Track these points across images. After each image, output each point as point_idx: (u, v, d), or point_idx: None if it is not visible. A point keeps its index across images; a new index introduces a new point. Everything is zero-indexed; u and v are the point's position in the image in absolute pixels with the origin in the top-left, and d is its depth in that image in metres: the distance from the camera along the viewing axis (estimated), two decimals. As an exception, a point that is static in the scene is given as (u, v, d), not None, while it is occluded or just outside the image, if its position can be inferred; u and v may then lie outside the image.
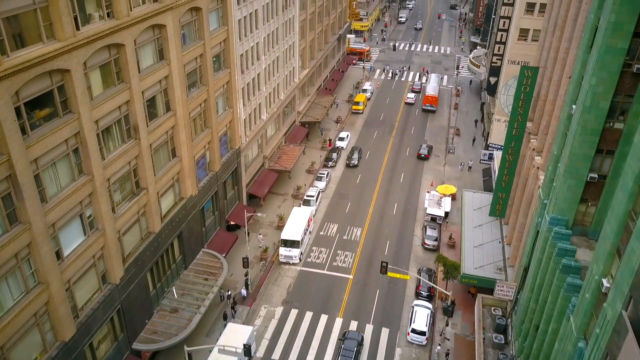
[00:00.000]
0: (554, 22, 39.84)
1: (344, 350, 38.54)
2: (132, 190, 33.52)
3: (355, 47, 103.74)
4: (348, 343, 39.01)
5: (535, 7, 58.06)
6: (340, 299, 44.67)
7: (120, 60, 30.05)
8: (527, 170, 40.67)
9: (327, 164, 65.47)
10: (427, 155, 68.11)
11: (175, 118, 36.97)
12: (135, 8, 30.45)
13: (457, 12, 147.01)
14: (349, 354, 38.13)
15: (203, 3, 38.15)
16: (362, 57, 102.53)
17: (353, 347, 38.59)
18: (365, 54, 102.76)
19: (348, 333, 40.10)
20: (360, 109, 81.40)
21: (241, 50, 47.10)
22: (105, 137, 30.00)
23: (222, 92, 44.84)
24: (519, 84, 40.35)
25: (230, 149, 48.34)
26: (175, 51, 35.43)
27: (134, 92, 31.26)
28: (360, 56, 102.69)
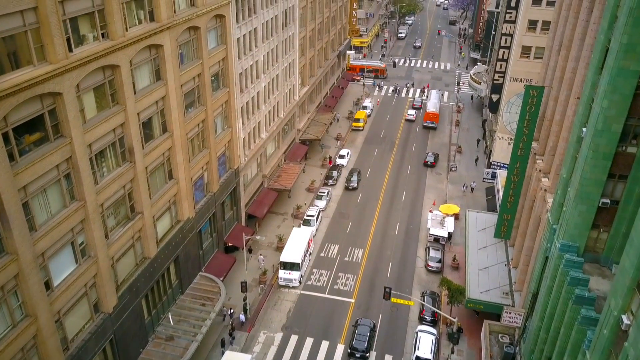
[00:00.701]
0: (559, 41, 39.08)
1: (357, 334, 40.86)
2: (126, 214, 32.38)
3: (371, 64, 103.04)
4: (361, 329, 41.44)
5: (538, 25, 57.51)
6: (342, 325, 43.29)
7: (115, 82, 29.12)
8: (533, 191, 39.60)
9: (328, 182, 64.42)
10: (434, 163, 69.50)
11: (172, 139, 35.98)
12: (131, 28, 29.61)
13: (457, 28, 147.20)
14: (362, 340, 40.39)
15: (201, 22, 37.39)
16: (378, 75, 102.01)
17: (366, 332, 41.02)
18: (381, 72, 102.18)
19: (360, 320, 42.52)
20: (360, 126, 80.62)
21: (240, 69, 46.31)
22: (98, 161, 28.95)
23: (220, 112, 43.94)
24: (524, 103, 39.52)
25: (229, 169, 47.31)
26: (173, 71, 34.56)
27: (129, 114, 30.29)
28: (377, 74, 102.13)
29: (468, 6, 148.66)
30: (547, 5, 56.45)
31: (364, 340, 40.30)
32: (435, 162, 69.79)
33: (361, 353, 39.87)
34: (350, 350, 40.09)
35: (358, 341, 40.27)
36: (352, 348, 40.08)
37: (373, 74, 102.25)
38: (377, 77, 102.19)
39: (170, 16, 32.98)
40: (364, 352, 39.84)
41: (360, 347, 39.99)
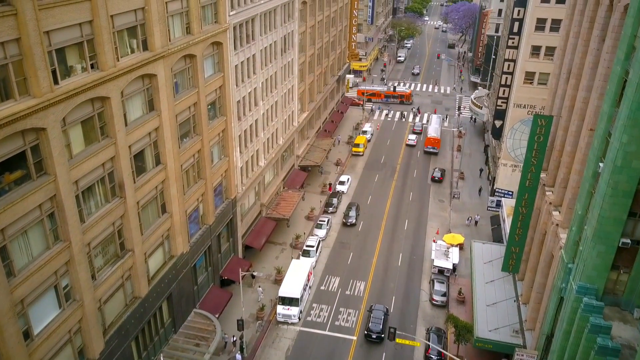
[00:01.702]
0: (568, 68, 37.84)
1: (373, 318, 43.93)
2: (115, 253, 30.55)
3: (397, 90, 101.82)
4: (376, 312, 44.61)
5: (541, 51, 56.60)
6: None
7: (105, 114, 27.61)
8: (543, 225, 37.90)
9: (328, 209, 62.66)
10: (441, 178, 70.85)
11: (165, 172, 34.35)
12: (123, 58, 28.23)
13: (456, 51, 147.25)
14: (377, 322, 43.46)
15: (197, 50, 36.12)
16: (404, 101, 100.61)
17: (381, 316, 44.18)
18: (407, 97, 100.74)
19: (374, 305, 45.75)
20: (360, 151, 79.23)
21: (238, 97, 44.98)
22: (86, 198, 27.25)
23: (217, 141, 42.44)
24: (532, 133, 38.07)
25: (226, 199, 45.59)
26: (167, 101, 33.12)
27: (119, 147, 28.71)
28: (402, 99, 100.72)
29: (467, 30, 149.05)
30: (551, 31, 55.63)
31: (379, 323, 43.44)
32: (442, 177, 71.12)
33: (377, 334, 42.86)
34: (367, 333, 43.02)
35: (374, 324, 43.37)
36: (368, 330, 43.08)
37: (399, 100, 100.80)
38: (402, 102, 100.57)
39: (164, 45, 31.67)
40: (379, 334, 42.82)
41: (375, 329, 43.00)
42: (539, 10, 55.11)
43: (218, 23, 39.26)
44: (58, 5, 22.95)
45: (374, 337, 42.81)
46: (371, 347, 42.71)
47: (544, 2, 54.75)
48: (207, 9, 37.60)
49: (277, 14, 51.87)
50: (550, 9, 54.71)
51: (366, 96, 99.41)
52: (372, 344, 43.11)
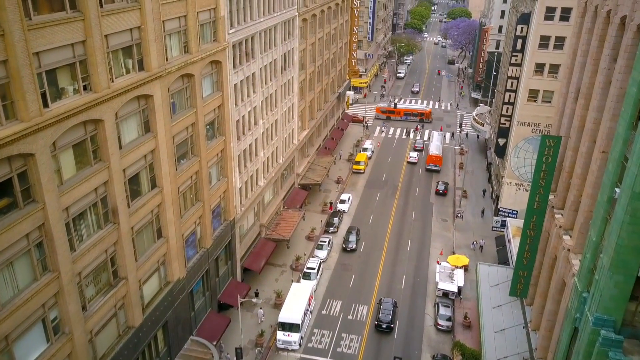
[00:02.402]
0: (576, 87, 36.85)
1: (383, 309, 46.60)
2: (108, 281, 29.17)
3: (416, 108, 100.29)
4: (385, 304, 47.22)
5: (545, 68, 55.80)
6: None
7: (98, 137, 26.45)
8: (553, 249, 36.55)
9: (329, 229, 61.31)
10: (445, 191, 71.06)
11: (161, 195, 33.08)
12: (117, 79, 27.16)
13: (455, 67, 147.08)
14: (387, 313, 46.13)
15: (196, 69, 35.12)
16: (423, 119, 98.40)
17: (390, 307, 46.73)
18: (426, 115, 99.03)
19: (383, 298, 48.33)
20: (361, 169, 78.12)
21: (237, 116, 43.93)
22: (77, 225, 25.96)
23: (216, 161, 41.26)
24: (540, 154, 36.95)
25: (224, 221, 44.27)
26: (163, 122, 32.00)
27: (113, 171, 27.50)
28: (422, 117, 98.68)
29: (467, 46, 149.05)
30: (554, 49, 54.92)
31: (389, 313, 46.09)
32: (446, 190, 71.34)
33: (387, 324, 45.44)
34: (377, 323, 45.64)
35: (383, 314, 46.08)
36: (378, 320, 45.75)
37: (418, 118, 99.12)
38: (422, 120, 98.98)
39: (161, 64, 30.65)
40: (389, 324, 45.43)
41: (385, 319, 45.63)
42: (543, 28, 54.43)
43: (217, 41, 38.35)
44: (48, 26, 21.93)
45: (384, 327, 45.49)
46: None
47: (547, 20, 54.09)
48: (205, 27, 36.71)
49: (277, 31, 51.10)
50: (554, 26, 54.04)
51: (385, 114, 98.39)
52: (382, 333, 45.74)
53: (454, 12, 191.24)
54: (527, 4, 59.85)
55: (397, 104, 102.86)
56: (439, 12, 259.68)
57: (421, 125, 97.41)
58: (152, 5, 28.84)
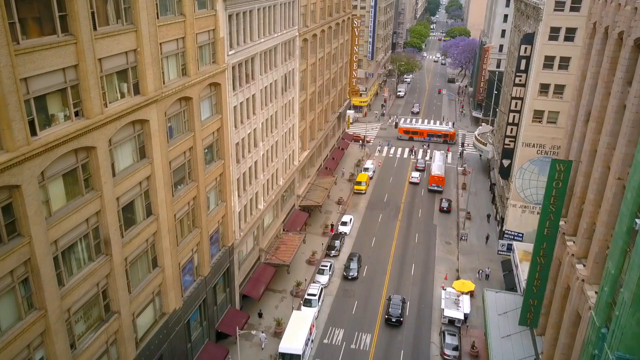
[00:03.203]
0: (586, 110, 35.76)
1: (392, 305, 49.07)
2: (99, 316, 27.62)
3: (440, 128, 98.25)
4: (395, 300, 49.80)
5: (550, 89, 54.84)
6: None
7: (90, 165, 25.15)
8: (566, 278, 35.06)
9: (330, 253, 59.75)
10: (449, 208, 70.96)
11: (157, 223, 31.69)
12: (111, 104, 25.96)
13: (455, 86, 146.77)
14: (397, 308, 48.71)
15: (194, 92, 34.00)
16: (447, 140, 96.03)
17: (399, 303, 49.40)
18: (451, 136, 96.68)
19: (392, 295, 50.61)
20: (362, 189, 76.81)
21: (237, 139, 42.75)
22: (66, 259, 24.52)
23: (214, 186, 39.96)
24: (550, 178, 35.75)
25: (223, 247, 42.80)
26: (160, 147, 30.75)
27: (106, 200, 26.15)
28: (446, 139, 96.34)
29: (467, 64, 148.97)
30: (559, 69, 54.01)
31: (398, 308, 48.65)
32: (450, 208, 71.29)
33: (396, 318, 47.93)
34: (387, 317, 48.13)
35: (393, 309, 48.64)
36: (388, 314, 48.25)
37: (442, 139, 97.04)
38: (446, 142, 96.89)
39: (158, 88, 29.51)
40: (399, 317, 47.92)
41: (395, 313, 48.18)
42: (547, 48, 53.60)
43: (216, 63, 37.33)
44: (38, 50, 20.78)
45: (394, 321, 47.93)
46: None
47: (551, 40, 53.29)
48: (204, 49, 35.71)
49: (277, 52, 50.22)
50: (559, 46, 53.22)
51: (409, 134, 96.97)
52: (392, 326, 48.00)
53: (453, 31, 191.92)
54: (530, 24, 59.21)
55: (399, 124, 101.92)
56: (438, 30, 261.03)
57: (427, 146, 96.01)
58: (149, 28, 27.81)
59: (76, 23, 22.45)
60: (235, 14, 39.66)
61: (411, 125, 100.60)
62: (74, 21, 22.44)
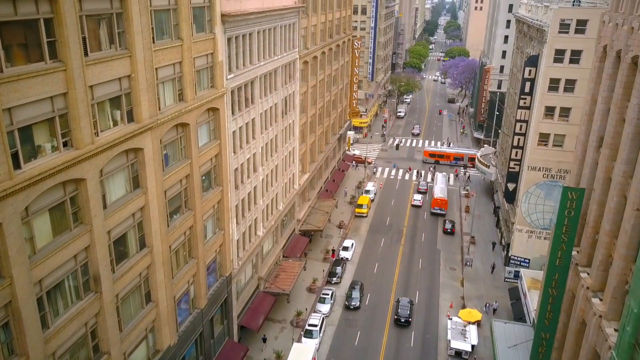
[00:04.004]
0: (598, 136, 34.50)
1: (401, 306, 51.31)
2: (88, 358, 25.82)
3: (466, 152, 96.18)
4: (403, 301, 52.08)
5: (555, 111, 53.80)
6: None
7: (79, 198, 23.68)
8: (581, 312, 33.37)
9: (331, 279, 57.96)
10: (453, 230, 70.03)
11: (151, 255, 30.10)
12: (103, 132, 24.60)
13: (455, 106, 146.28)
14: (405, 309, 51.09)
15: (191, 118, 32.72)
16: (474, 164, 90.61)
17: (407, 304, 51.70)
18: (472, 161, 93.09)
19: (400, 298, 52.94)
20: (364, 212, 75.26)
21: (236, 164, 41.39)
22: (51, 299, 22.89)
23: (212, 214, 38.44)
24: (562, 207, 34.26)
25: (220, 277, 41.10)
26: (155, 176, 29.33)
27: (96, 234, 24.62)
28: (473, 162, 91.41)
29: (466, 84, 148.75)
30: (565, 92, 53.02)
31: (407, 309, 50.98)
32: (454, 229, 70.50)
33: (405, 318, 50.32)
34: (396, 317, 50.54)
35: (402, 309, 50.95)
36: (397, 315, 50.59)
37: (469, 163, 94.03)
38: (473, 166, 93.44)
39: (153, 115, 28.20)
40: (407, 318, 50.29)
41: (404, 314, 50.57)
42: (552, 70, 52.71)
43: (215, 88, 36.13)
44: (24, 78, 19.47)
45: (403, 321, 50.13)
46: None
47: (556, 62, 52.41)
48: (202, 73, 34.53)
49: (277, 75, 49.17)
50: (564, 69, 52.34)
51: (434, 157, 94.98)
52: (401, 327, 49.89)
53: (453, 51, 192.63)
54: (533, 46, 58.42)
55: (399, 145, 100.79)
56: (437, 50, 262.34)
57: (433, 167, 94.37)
58: (144, 53, 26.61)
59: (66, 49, 21.21)
60: (235, 37, 38.64)
61: (437, 149, 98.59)
62: (63, 47, 21.20)
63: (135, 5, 25.30)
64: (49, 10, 20.53)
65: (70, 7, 21.04)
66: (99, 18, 23.61)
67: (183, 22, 30.49)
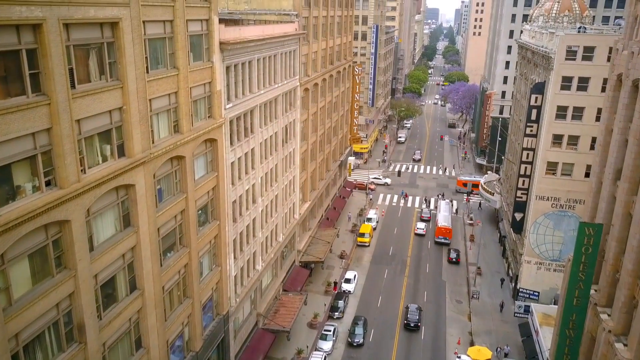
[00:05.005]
0: (615, 168, 32.83)
1: (410, 312, 53.98)
2: (70, 415, 23.56)
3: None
4: (412, 308, 54.77)
5: (563, 140, 52.31)
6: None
7: (63, 241, 21.80)
8: (603, 358, 31.18)
9: (333, 314, 55.55)
10: (458, 260, 68.45)
11: (142, 298, 28.05)
12: (90, 169, 22.84)
13: (456, 131, 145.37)
14: (414, 314, 53.75)
15: (187, 150, 31.05)
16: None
17: (416, 310, 54.50)
18: None
19: (409, 304, 55.67)
20: (366, 242, 73.13)
21: (234, 197, 39.58)
22: (29, 354, 20.77)
23: (208, 249, 36.47)
24: (579, 243, 32.49)
25: (217, 316, 38.90)
26: (147, 214, 27.49)
27: (81, 280, 22.66)
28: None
29: (467, 109, 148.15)
30: (573, 119, 51.64)
31: (416, 314, 53.67)
32: (459, 259, 68.88)
33: (414, 323, 52.86)
34: (406, 322, 53.12)
35: (411, 315, 53.57)
36: (407, 319, 53.22)
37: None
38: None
39: (146, 148, 26.52)
40: (417, 323, 52.93)
41: (413, 319, 53.16)
42: (559, 98, 51.41)
43: (212, 118, 34.56)
44: (2, 114, 17.82)
45: (412, 326, 52.73)
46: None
47: (563, 90, 51.16)
48: (199, 103, 32.99)
49: (278, 103, 47.76)
50: (572, 96, 51.06)
51: (466, 187, 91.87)
52: (410, 332, 51.94)
53: (452, 76, 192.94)
54: (539, 72, 57.30)
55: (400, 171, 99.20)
56: (436, 74, 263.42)
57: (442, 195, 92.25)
58: (137, 83, 25.07)
59: (50, 82, 19.64)
60: (234, 65, 37.26)
61: (470, 178, 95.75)
62: (47, 79, 19.63)
63: (128, 34, 23.86)
64: (32, 40, 19.03)
65: (56, 36, 19.54)
66: (88, 48, 22.12)
67: (179, 51, 29.08)
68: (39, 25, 18.93)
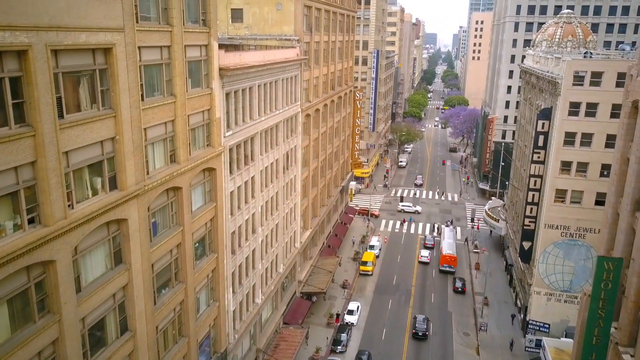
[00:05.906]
0: (632, 199, 31.27)
1: (418, 322, 55.81)
2: None
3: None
4: (419, 318, 56.60)
5: (572, 167, 50.88)
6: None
7: (47, 283, 20.09)
8: (628, 403, 29.14)
9: (336, 348, 53.21)
10: (464, 289, 66.56)
11: (134, 340, 26.14)
12: (79, 204, 21.26)
13: (458, 155, 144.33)
14: (422, 325, 55.55)
15: (184, 181, 29.52)
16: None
17: (424, 320, 56.30)
18: None
19: (417, 315, 57.38)
20: (369, 270, 71.05)
21: (233, 227, 37.91)
22: (6, 409, 18.84)
23: (205, 284, 34.65)
24: (598, 279, 30.72)
25: (214, 354, 36.83)
26: (140, 249, 25.79)
27: (66, 324, 20.86)
28: None
29: (468, 134, 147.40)
30: (582, 146, 50.29)
31: (423, 324, 55.66)
32: (465, 288, 66.93)
33: (422, 332, 54.80)
34: (414, 332, 54.90)
35: (419, 325, 55.53)
36: (415, 329, 55.08)
37: None
38: None
39: (140, 180, 24.98)
40: (425, 331, 54.82)
41: (421, 328, 55.11)
42: (567, 124, 50.20)
43: (211, 146, 33.14)
44: (-20, 148, 16.35)
45: (420, 335, 54.64)
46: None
47: (571, 116, 49.98)
48: (197, 131, 31.60)
49: (279, 130, 46.48)
50: (580, 122, 49.85)
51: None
52: (419, 342, 52.53)
53: (452, 100, 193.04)
54: (545, 98, 56.24)
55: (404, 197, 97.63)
56: (435, 98, 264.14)
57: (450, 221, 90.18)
58: (131, 112, 23.67)
59: (35, 112, 18.22)
60: (234, 92, 36.03)
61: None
62: (32, 109, 18.22)
63: (122, 61, 22.55)
64: (17, 68, 17.67)
65: (42, 64, 18.18)
66: (78, 75, 20.77)
67: (177, 77, 27.80)
68: (24, 52, 17.60)
